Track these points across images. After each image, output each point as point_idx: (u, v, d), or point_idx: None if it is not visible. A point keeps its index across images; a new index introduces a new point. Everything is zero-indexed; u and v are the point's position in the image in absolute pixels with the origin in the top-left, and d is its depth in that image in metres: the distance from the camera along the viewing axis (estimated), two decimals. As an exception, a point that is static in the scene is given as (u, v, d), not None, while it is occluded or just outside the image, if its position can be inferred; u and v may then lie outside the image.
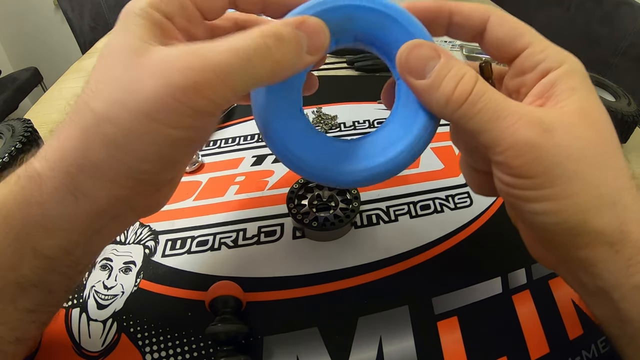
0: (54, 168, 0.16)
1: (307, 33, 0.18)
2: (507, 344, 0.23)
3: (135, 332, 0.24)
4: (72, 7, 1.01)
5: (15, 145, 0.33)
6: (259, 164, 0.36)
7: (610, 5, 0.75)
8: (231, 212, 0.31)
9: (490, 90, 0.17)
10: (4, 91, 1.23)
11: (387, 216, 0.31)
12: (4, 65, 1.51)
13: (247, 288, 0.25)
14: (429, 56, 0.18)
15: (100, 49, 0.61)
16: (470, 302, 0.25)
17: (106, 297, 0.25)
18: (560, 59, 0.18)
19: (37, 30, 1.61)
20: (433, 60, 0.18)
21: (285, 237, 0.29)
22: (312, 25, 0.18)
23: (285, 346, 0.23)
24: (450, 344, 0.23)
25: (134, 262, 0.27)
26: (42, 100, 0.49)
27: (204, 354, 0.23)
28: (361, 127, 0.40)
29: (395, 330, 0.24)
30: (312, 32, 0.18)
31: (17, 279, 0.17)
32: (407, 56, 0.18)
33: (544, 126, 0.16)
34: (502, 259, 0.28)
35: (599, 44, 0.76)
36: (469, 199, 0.32)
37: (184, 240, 0.29)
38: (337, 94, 0.45)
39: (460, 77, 0.17)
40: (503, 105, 0.17)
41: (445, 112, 0.18)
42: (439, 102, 0.18)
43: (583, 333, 0.24)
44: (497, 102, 0.17)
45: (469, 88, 0.17)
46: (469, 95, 0.17)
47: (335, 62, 0.53)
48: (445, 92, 0.17)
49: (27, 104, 1.29)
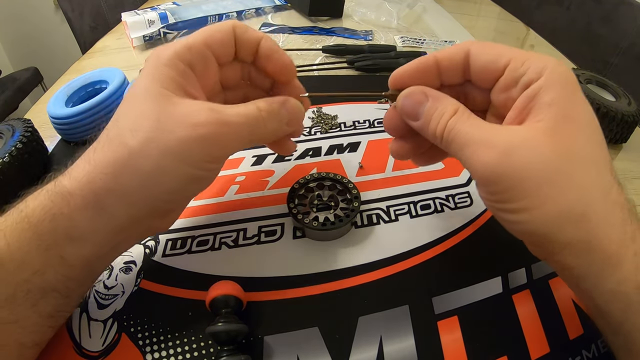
0: (83, 188, 0.19)
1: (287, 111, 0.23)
2: (507, 343, 0.23)
3: (136, 331, 0.24)
4: (72, 7, 1.01)
5: (15, 145, 0.33)
6: (259, 163, 0.36)
7: (610, 5, 0.75)
8: (231, 212, 0.31)
9: (460, 123, 0.20)
10: (4, 91, 1.23)
11: (387, 216, 0.31)
12: (4, 65, 1.51)
13: (247, 288, 0.25)
14: (419, 101, 0.22)
15: (100, 49, 0.61)
16: (470, 302, 0.25)
17: (106, 297, 0.25)
18: (540, 69, 0.19)
19: (37, 31, 1.61)
20: (422, 105, 0.21)
21: (285, 237, 0.29)
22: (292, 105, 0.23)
23: (285, 346, 0.23)
24: (450, 343, 0.23)
25: (135, 261, 0.28)
26: (42, 100, 0.49)
27: (204, 353, 0.23)
28: (361, 127, 0.40)
29: (396, 330, 0.24)
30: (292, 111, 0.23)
31: (41, 283, 0.19)
32: (402, 104, 0.22)
33: (501, 149, 0.18)
34: (502, 259, 0.28)
35: (599, 44, 0.76)
36: (469, 199, 0.32)
37: (184, 240, 0.29)
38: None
39: (441, 115, 0.21)
40: (470, 134, 0.19)
41: (436, 143, 0.21)
42: (430, 137, 0.21)
43: (583, 333, 0.24)
44: (464, 133, 0.20)
45: (443, 124, 0.20)
46: (444, 129, 0.20)
47: (335, 62, 0.53)
48: (432, 129, 0.21)
49: (27, 104, 1.29)
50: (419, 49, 0.58)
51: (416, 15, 0.73)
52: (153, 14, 0.60)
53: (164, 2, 0.68)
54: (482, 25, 0.74)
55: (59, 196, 0.19)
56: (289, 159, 0.36)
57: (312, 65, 0.52)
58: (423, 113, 0.21)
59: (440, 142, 0.21)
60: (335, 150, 0.37)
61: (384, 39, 0.63)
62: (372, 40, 0.62)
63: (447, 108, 0.21)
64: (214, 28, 0.22)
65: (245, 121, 0.21)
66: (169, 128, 0.19)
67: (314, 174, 0.32)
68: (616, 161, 0.41)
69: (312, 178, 0.31)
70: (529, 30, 0.72)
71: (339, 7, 0.69)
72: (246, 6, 0.69)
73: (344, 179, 0.31)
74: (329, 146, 0.38)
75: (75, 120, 0.37)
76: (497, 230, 0.30)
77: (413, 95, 0.22)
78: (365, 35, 0.63)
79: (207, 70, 0.23)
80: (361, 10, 0.71)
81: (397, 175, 0.34)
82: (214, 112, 0.20)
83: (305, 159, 0.36)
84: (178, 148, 0.19)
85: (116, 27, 0.68)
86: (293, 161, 0.36)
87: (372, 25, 0.67)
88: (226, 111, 0.20)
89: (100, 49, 0.61)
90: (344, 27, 0.65)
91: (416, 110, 0.22)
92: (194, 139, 0.19)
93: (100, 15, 1.05)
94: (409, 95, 0.22)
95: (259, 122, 0.21)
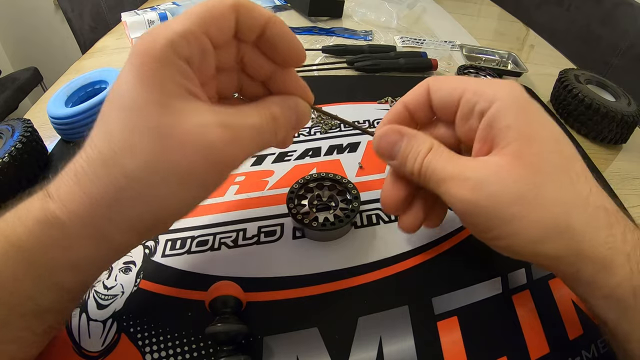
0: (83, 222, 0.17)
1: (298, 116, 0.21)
2: (507, 344, 0.23)
3: (135, 332, 0.24)
4: (72, 7, 1.01)
5: (15, 145, 0.33)
6: (259, 163, 0.36)
7: (610, 5, 0.75)
8: (231, 212, 0.31)
9: (434, 161, 0.20)
10: (4, 91, 1.23)
11: (387, 216, 0.31)
12: (4, 65, 1.51)
13: (247, 288, 0.25)
14: (394, 141, 0.22)
15: (100, 49, 0.61)
16: (470, 302, 0.25)
17: (106, 297, 0.25)
18: (490, 96, 0.20)
19: (37, 30, 1.61)
20: (397, 144, 0.22)
21: (285, 237, 0.29)
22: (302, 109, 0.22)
23: (285, 346, 0.23)
24: (450, 344, 0.23)
25: (134, 262, 0.27)
26: (42, 100, 0.49)
27: (204, 354, 0.23)
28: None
29: (395, 330, 0.24)
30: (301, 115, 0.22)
31: (36, 307, 0.18)
32: (377, 144, 0.23)
33: (473, 183, 0.19)
34: (502, 259, 0.27)
35: (599, 44, 0.76)
36: (469, 199, 0.32)
37: (184, 240, 0.29)
38: (337, 94, 0.45)
39: (417, 154, 0.21)
40: (445, 170, 0.20)
41: (415, 180, 0.22)
42: (408, 175, 0.22)
43: (583, 333, 0.24)
44: (440, 169, 0.20)
45: (420, 162, 0.21)
46: (420, 167, 0.21)
47: (335, 62, 0.53)
48: (409, 168, 0.21)
49: (27, 104, 1.29)
50: (418, 49, 0.58)
51: (416, 16, 0.74)
52: (153, 14, 0.60)
53: (164, 2, 0.68)
54: (482, 26, 0.74)
55: (51, 227, 0.17)
56: (288, 159, 0.36)
57: (312, 65, 0.52)
58: (399, 152, 0.22)
59: (418, 179, 0.21)
60: (335, 151, 0.37)
61: (384, 39, 0.63)
62: (372, 41, 0.62)
63: (422, 146, 0.21)
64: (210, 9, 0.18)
65: (258, 135, 0.19)
66: (173, 148, 0.16)
67: (313, 174, 0.32)
68: (616, 161, 0.41)
69: (311, 178, 0.31)
70: (529, 31, 0.72)
71: (338, 7, 0.69)
72: (246, 6, 0.69)
73: (344, 179, 0.31)
74: (329, 146, 0.38)
75: (74, 120, 0.37)
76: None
77: (388, 135, 0.22)
78: (365, 35, 0.63)
79: (205, 61, 0.19)
80: (361, 11, 0.71)
81: (397, 176, 0.34)
82: (227, 129, 0.17)
83: (305, 159, 0.36)
84: (185, 173, 0.17)
85: (116, 27, 0.68)
86: (293, 161, 0.36)
87: (372, 25, 0.67)
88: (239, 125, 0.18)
89: (100, 49, 0.61)
90: (343, 27, 0.65)
91: (391, 149, 0.22)
92: (203, 163, 0.17)
93: (100, 16, 1.05)
94: (384, 135, 0.22)
95: (271, 133, 0.20)
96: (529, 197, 0.18)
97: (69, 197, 0.17)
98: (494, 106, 0.19)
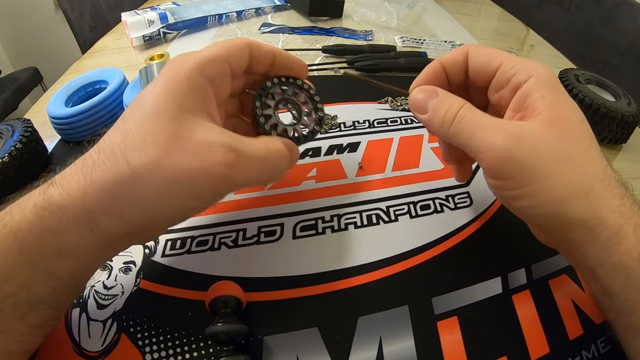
0: (75, 204, 0.18)
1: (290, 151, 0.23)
2: (507, 344, 0.23)
3: (135, 332, 0.24)
4: (72, 7, 1.01)
5: (14, 145, 0.33)
6: (259, 164, 0.36)
7: (610, 5, 0.75)
8: (231, 212, 0.31)
9: (470, 113, 0.22)
10: (4, 91, 1.23)
11: (387, 216, 0.31)
12: (4, 65, 1.52)
13: (247, 288, 0.25)
14: (430, 95, 0.24)
15: (100, 49, 0.61)
16: (470, 302, 0.25)
17: (106, 297, 0.25)
18: (528, 71, 0.22)
19: (37, 30, 1.61)
20: (432, 99, 0.24)
21: (284, 237, 0.29)
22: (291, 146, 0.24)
23: (285, 346, 0.23)
24: (450, 344, 0.23)
25: (134, 262, 0.27)
26: (42, 100, 0.49)
27: (204, 354, 0.23)
28: (361, 127, 0.40)
29: (395, 330, 0.24)
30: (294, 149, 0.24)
31: (29, 297, 0.18)
32: (413, 98, 0.25)
33: (514, 135, 0.20)
34: (502, 259, 0.28)
35: (599, 44, 0.76)
36: (469, 199, 0.32)
37: (184, 240, 0.29)
38: (337, 94, 0.45)
39: (449, 106, 0.22)
40: (481, 122, 0.21)
41: (442, 132, 0.23)
42: (436, 126, 0.23)
43: (583, 333, 0.24)
44: (476, 120, 0.21)
45: (454, 112, 0.22)
46: (455, 117, 0.22)
47: (335, 62, 0.53)
48: (439, 118, 0.23)
49: (27, 104, 1.29)
50: (418, 49, 0.58)
51: (416, 16, 0.74)
52: (153, 14, 0.60)
53: (164, 2, 0.68)
54: (482, 26, 0.74)
55: (47, 211, 0.18)
56: (288, 159, 0.36)
57: (312, 65, 0.52)
58: (432, 106, 0.23)
59: (447, 130, 0.22)
60: (335, 150, 0.37)
61: (384, 39, 0.63)
62: (372, 41, 0.62)
63: (456, 101, 0.23)
64: (230, 43, 0.22)
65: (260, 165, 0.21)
66: (180, 155, 0.18)
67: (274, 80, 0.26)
68: (616, 161, 0.41)
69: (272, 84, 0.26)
70: (529, 31, 0.72)
71: (338, 7, 0.69)
72: (246, 6, 0.69)
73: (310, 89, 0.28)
74: (329, 146, 0.38)
75: (74, 120, 0.37)
76: (497, 230, 0.30)
77: (425, 90, 0.24)
78: (365, 35, 0.63)
79: (223, 85, 0.22)
80: (361, 11, 0.71)
81: (397, 176, 0.34)
82: (233, 151, 0.19)
83: (304, 159, 0.36)
84: (186, 180, 0.18)
85: (116, 27, 0.68)
86: (293, 161, 0.36)
87: (372, 25, 0.67)
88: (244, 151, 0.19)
89: (100, 49, 0.61)
90: (343, 27, 0.65)
91: (425, 103, 0.24)
92: (203, 175, 0.18)
93: (100, 15, 1.05)
94: (421, 90, 0.24)
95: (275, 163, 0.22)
96: (562, 156, 0.19)
97: (70, 181, 0.18)
98: (532, 79, 0.21)
